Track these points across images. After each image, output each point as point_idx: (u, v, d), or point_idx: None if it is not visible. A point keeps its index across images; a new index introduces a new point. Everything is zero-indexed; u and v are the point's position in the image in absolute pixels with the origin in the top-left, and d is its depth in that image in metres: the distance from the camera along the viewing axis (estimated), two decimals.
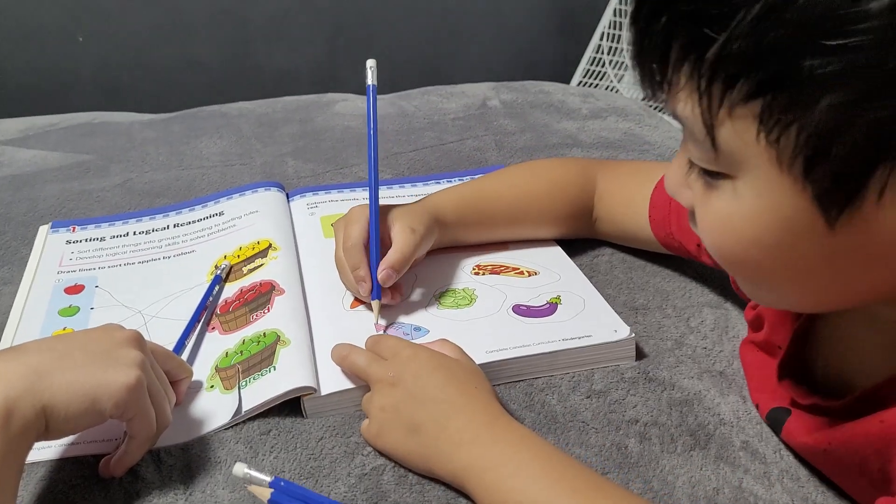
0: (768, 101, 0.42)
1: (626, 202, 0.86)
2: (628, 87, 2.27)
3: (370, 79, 0.84)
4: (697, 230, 0.54)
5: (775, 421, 0.65)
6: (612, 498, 0.56)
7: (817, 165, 0.43)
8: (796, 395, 0.62)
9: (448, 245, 0.86)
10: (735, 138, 0.45)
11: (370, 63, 0.85)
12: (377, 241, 0.77)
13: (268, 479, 0.56)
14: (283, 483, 0.56)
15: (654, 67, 0.47)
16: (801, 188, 0.44)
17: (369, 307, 0.78)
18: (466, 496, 0.61)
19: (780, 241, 0.47)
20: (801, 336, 0.63)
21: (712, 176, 0.49)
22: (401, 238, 0.78)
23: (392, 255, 0.77)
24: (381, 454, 0.65)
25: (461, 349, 0.70)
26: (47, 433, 0.56)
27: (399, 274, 0.77)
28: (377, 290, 0.77)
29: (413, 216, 0.80)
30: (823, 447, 0.59)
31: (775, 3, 0.40)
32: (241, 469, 0.56)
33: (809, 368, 0.63)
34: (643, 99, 0.55)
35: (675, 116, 0.49)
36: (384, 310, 0.78)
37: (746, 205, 0.47)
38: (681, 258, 0.86)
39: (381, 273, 0.76)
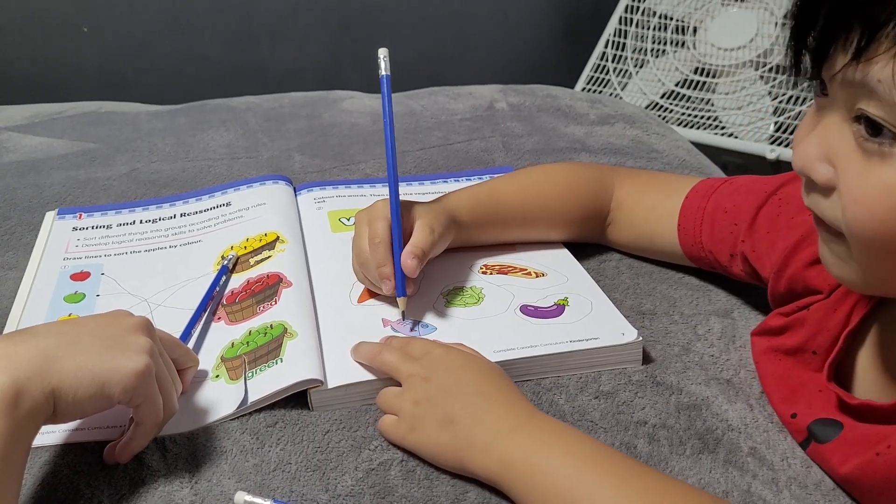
0: None
1: (650, 207, 0.86)
2: (632, 95, 2.28)
3: (383, 69, 0.80)
4: (825, 207, 0.55)
5: (819, 433, 0.64)
6: (662, 484, 0.57)
7: None
8: (845, 396, 0.62)
9: (462, 245, 0.85)
10: None
11: (382, 52, 0.79)
12: (399, 236, 0.77)
13: (268, 502, 0.57)
14: None
15: (850, 33, 0.48)
16: None
17: (387, 302, 0.79)
18: (477, 485, 0.61)
19: None
20: (850, 339, 0.64)
21: (892, 143, 0.49)
22: (418, 235, 0.77)
23: (408, 250, 0.76)
24: (409, 452, 0.64)
25: (480, 353, 0.70)
26: (55, 417, 0.55)
27: (422, 264, 0.76)
28: (402, 287, 0.76)
29: (434, 215, 0.79)
30: (862, 470, 0.59)
31: None
32: (241, 497, 0.57)
33: (851, 372, 0.64)
34: (793, 76, 0.56)
35: (850, 84, 0.50)
36: (390, 305, 0.78)
37: None
38: (688, 267, 0.86)
39: (408, 263, 0.75)
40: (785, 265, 0.72)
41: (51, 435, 0.64)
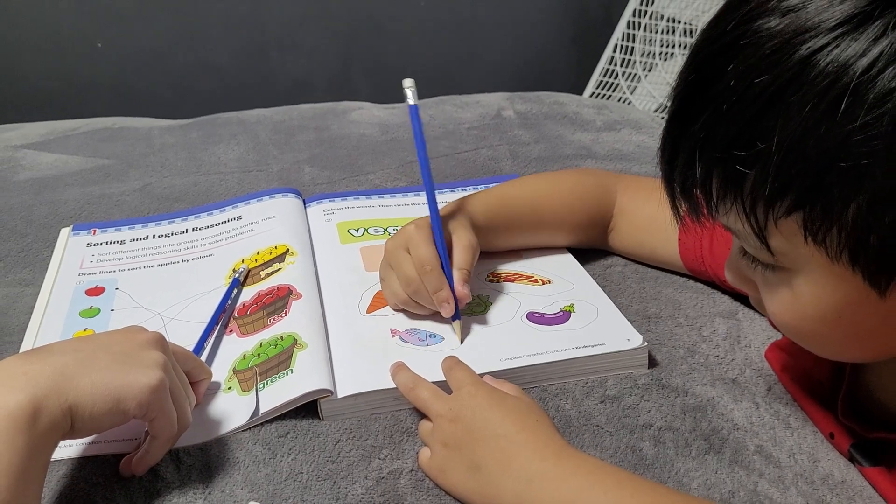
0: (807, 212, 0.49)
1: (650, 218, 0.87)
2: (641, 98, 2.28)
3: (411, 99, 0.80)
4: (765, 310, 0.60)
5: (859, 458, 0.65)
6: None
7: (861, 254, 0.49)
8: (861, 429, 0.64)
9: None
10: (786, 243, 0.52)
11: (408, 83, 0.80)
12: (447, 260, 0.77)
13: None
14: None
15: (699, 199, 0.55)
16: (851, 273, 0.51)
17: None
18: None
19: (840, 314, 0.54)
20: (854, 371, 0.66)
21: (774, 270, 0.56)
22: (461, 255, 0.78)
23: (458, 277, 0.77)
24: (445, 492, 0.64)
25: (520, 388, 0.68)
26: (72, 432, 0.57)
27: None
28: (458, 311, 0.77)
29: (465, 229, 0.80)
30: None
31: (796, 141, 0.47)
32: None
33: (865, 399, 0.66)
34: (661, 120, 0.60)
35: (727, 228, 0.56)
36: (401, 316, 0.80)
37: (807, 291, 0.55)
38: None
39: (461, 290, 0.76)
40: None
41: (68, 448, 0.66)
